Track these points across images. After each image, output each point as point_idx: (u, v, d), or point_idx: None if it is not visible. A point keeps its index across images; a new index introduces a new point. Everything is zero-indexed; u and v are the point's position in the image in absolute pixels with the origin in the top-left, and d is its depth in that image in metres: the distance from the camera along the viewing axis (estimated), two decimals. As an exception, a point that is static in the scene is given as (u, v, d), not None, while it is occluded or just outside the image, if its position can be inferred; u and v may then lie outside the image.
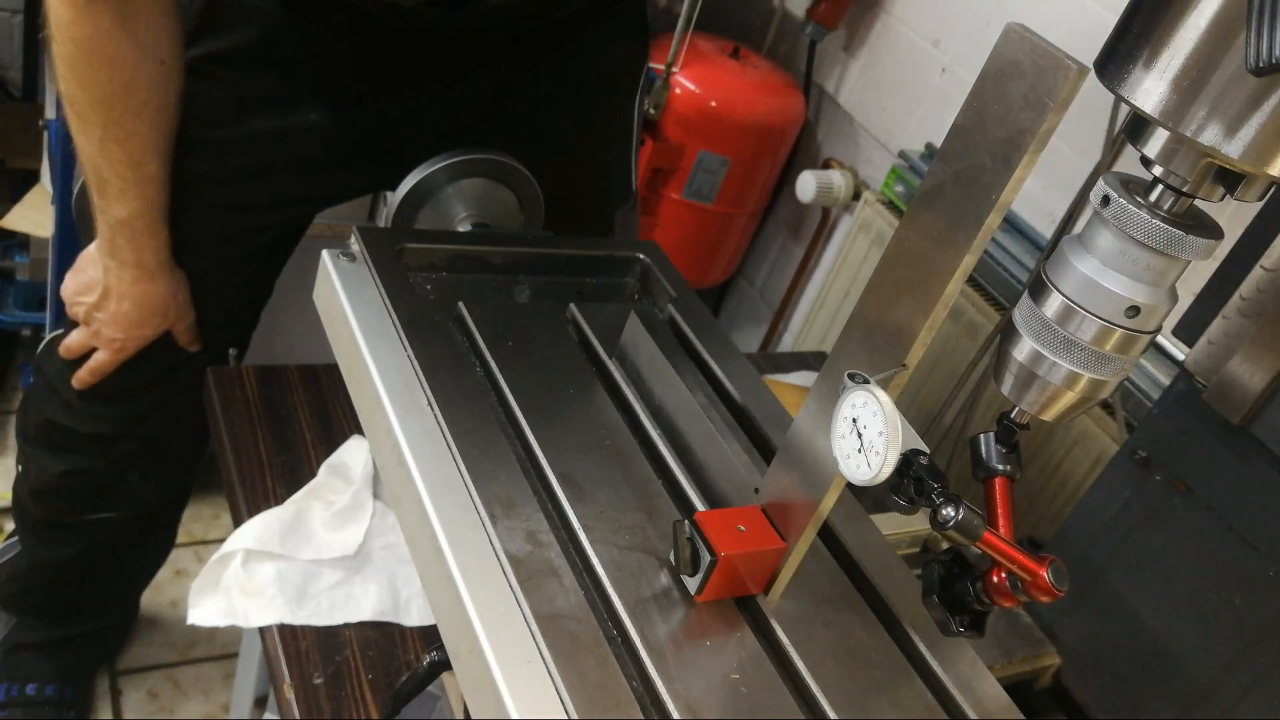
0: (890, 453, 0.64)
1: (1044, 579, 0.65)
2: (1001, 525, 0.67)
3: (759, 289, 2.51)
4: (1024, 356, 0.64)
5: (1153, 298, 0.60)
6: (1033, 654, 1.07)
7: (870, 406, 0.65)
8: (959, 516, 0.64)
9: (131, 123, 1.06)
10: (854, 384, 0.67)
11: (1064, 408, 0.64)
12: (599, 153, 1.38)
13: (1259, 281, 0.89)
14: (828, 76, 2.23)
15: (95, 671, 1.71)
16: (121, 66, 1.02)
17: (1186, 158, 0.57)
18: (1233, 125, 0.53)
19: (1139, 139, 0.59)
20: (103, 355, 1.21)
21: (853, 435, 0.66)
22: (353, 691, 0.94)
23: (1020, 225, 1.79)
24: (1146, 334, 0.62)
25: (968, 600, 0.69)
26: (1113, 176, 0.61)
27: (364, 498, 1.07)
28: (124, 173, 1.08)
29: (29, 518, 1.41)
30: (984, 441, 0.69)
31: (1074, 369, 0.62)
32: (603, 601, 0.74)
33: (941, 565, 0.71)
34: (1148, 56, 0.55)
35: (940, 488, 0.65)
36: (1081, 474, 1.57)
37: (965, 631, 0.70)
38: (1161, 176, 0.59)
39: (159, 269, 1.17)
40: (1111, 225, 0.60)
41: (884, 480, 0.65)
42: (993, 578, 0.68)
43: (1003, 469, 0.69)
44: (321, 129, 1.18)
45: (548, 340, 0.99)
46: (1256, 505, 0.93)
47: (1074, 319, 0.62)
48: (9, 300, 2.03)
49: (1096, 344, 0.62)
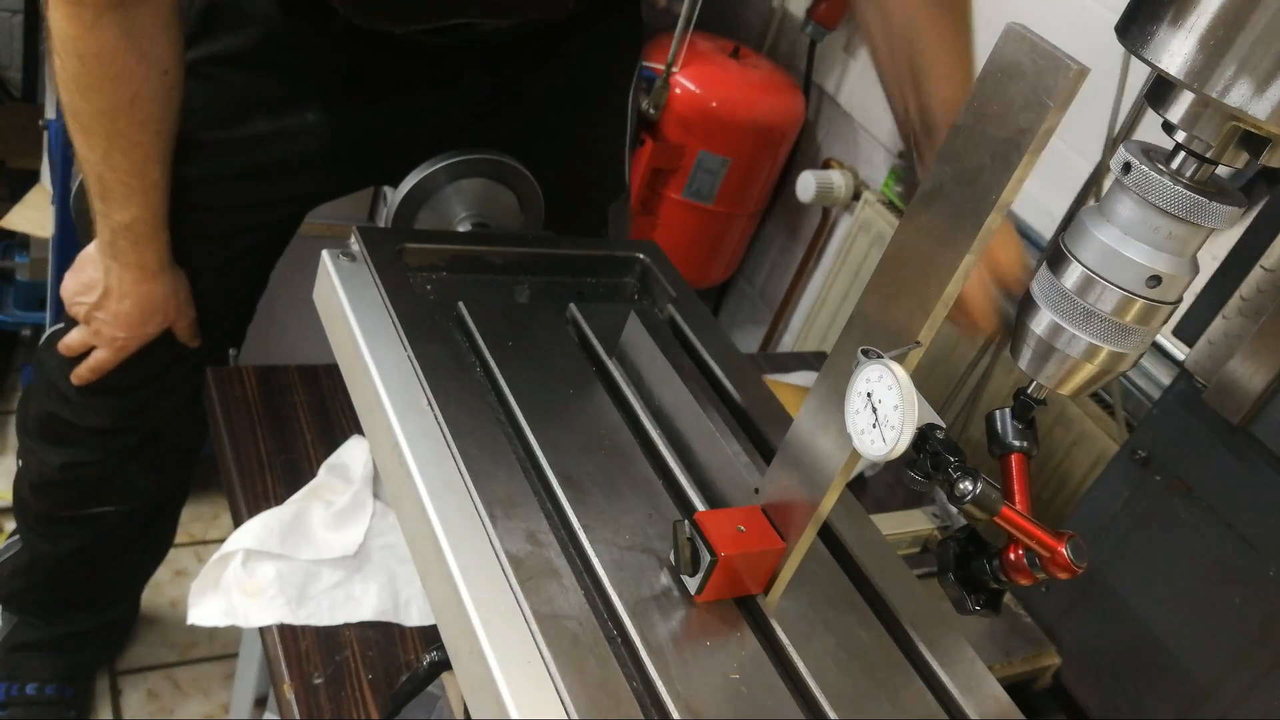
0: (906, 427, 0.62)
1: (1063, 555, 0.64)
2: (1019, 502, 0.66)
3: (759, 289, 2.51)
4: (1042, 329, 0.63)
5: (1174, 267, 0.59)
6: (1033, 654, 1.07)
7: (886, 380, 0.63)
8: (977, 490, 0.63)
9: (137, 134, 1.06)
10: (868, 359, 0.65)
11: (1082, 381, 0.63)
12: (593, 147, 1.38)
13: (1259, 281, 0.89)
14: (828, 76, 2.23)
15: (95, 671, 1.71)
16: (128, 81, 1.02)
17: (1211, 121, 0.56)
18: (1261, 85, 0.51)
19: (1162, 103, 0.57)
20: (103, 353, 1.22)
21: (867, 410, 0.64)
22: (353, 691, 0.94)
23: (1020, 225, 1.79)
24: (1168, 305, 0.61)
25: (984, 578, 0.68)
26: (1134, 144, 0.60)
27: (364, 498, 1.07)
28: (128, 180, 1.08)
29: (29, 512, 1.42)
30: (1000, 417, 0.68)
31: (1094, 341, 0.61)
32: (603, 601, 0.74)
33: (957, 543, 0.69)
34: (1174, 15, 0.53)
35: (957, 462, 0.64)
36: (1081, 474, 1.57)
37: (981, 610, 0.69)
38: (1184, 142, 0.57)
39: (160, 269, 1.17)
40: (1132, 193, 0.59)
41: (899, 455, 0.63)
42: (1010, 555, 0.67)
43: (1019, 445, 0.67)
44: (319, 130, 1.18)
45: (548, 340, 0.99)
46: (1256, 505, 0.93)
47: (1094, 290, 0.60)
48: (9, 300, 2.03)
49: (1117, 315, 0.60)
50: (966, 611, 0.69)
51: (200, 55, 1.13)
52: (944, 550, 0.70)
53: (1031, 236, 1.77)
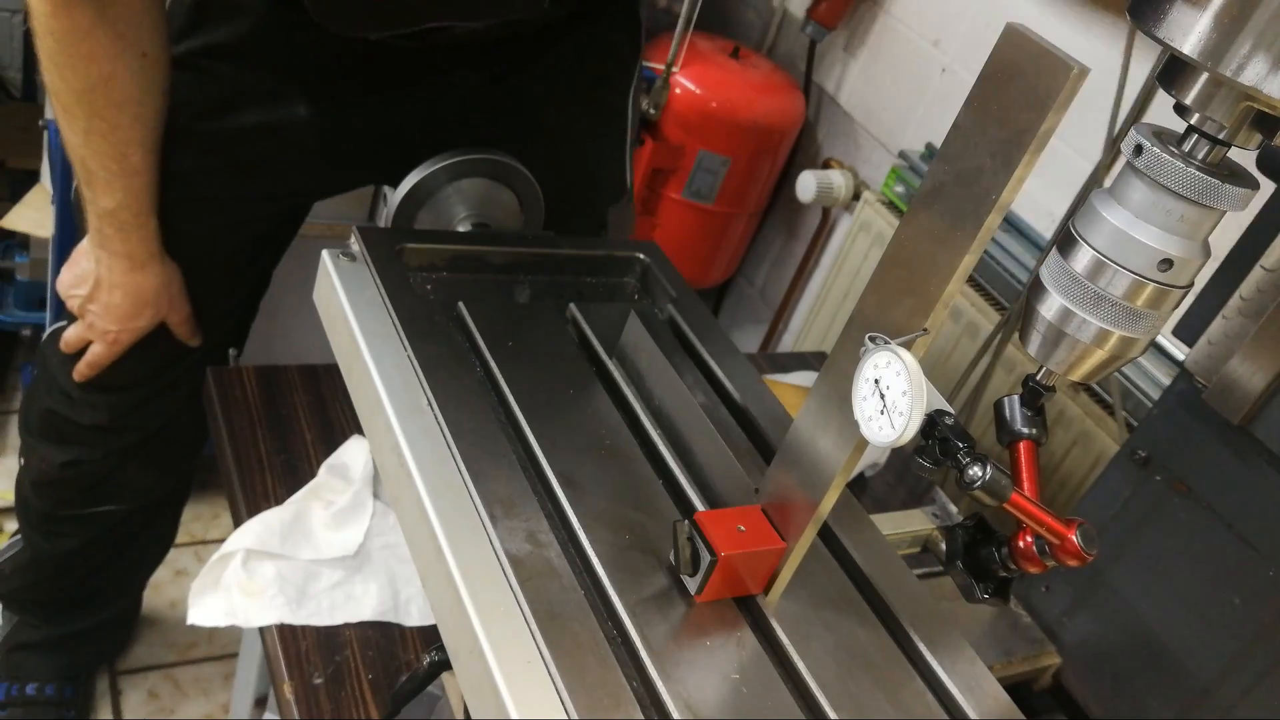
0: (915, 413, 0.61)
1: (1073, 542, 0.63)
2: (1028, 489, 0.65)
3: (759, 289, 2.51)
4: (1052, 314, 0.62)
5: (1186, 250, 0.59)
6: (1033, 654, 1.07)
7: (894, 366, 0.62)
8: (986, 476, 0.62)
9: (114, 115, 1.06)
10: (876, 345, 0.64)
11: (1092, 367, 0.63)
12: (591, 148, 1.38)
13: (1259, 281, 0.89)
14: (828, 76, 2.23)
15: (95, 671, 1.71)
16: (101, 60, 1.02)
17: (1224, 101, 0.55)
18: (1276, 63, 0.51)
19: (1174, 84, 0.57)
20: (99, 348, 1.22)
21: (875, 397, 0.63)
22: (353, 691, 0.94)
23: (1020, 225, 1.79)
24: (1179, 289, 0.60)
25: (992, 566, 0.68)
26: (1145, 126, 0.59)
27: (364, 498, 1.07)
28: (109, 164, 1.09)
29: (31, 510, 1.42)
30: (1008, 404, 0.68)
31: (1104, 326, 0.60)
32: (603, 601, 0.74)
33: (965, 531, 0.69)
34: None
35: (967, 447, 0.63)
36: (1081, 474, 1.57)
37: (990, 598, 0.68)
38: (1197, 124, 0.57)
39: (148, 259, 1.17)
40: (1144, 176, 0.58)
41: (908, 442, 0.62)
42: (1019, 542, 0.66)
43: (1028, 432, 0.67)
44: (311, 124, 1.18)
45: (548, 340, 0.99)
46: (1256, 505, 0.93)
47: (1105, 273, 0.60)
48: (9, 300, 2.03)
49: (1128, 299, 0.60)
50: (975, 599, 0.68)
51: (192, 47, 1.13)
52: (952, 538, 0.69)
53: (1031, 236, 1.77)
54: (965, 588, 0.68)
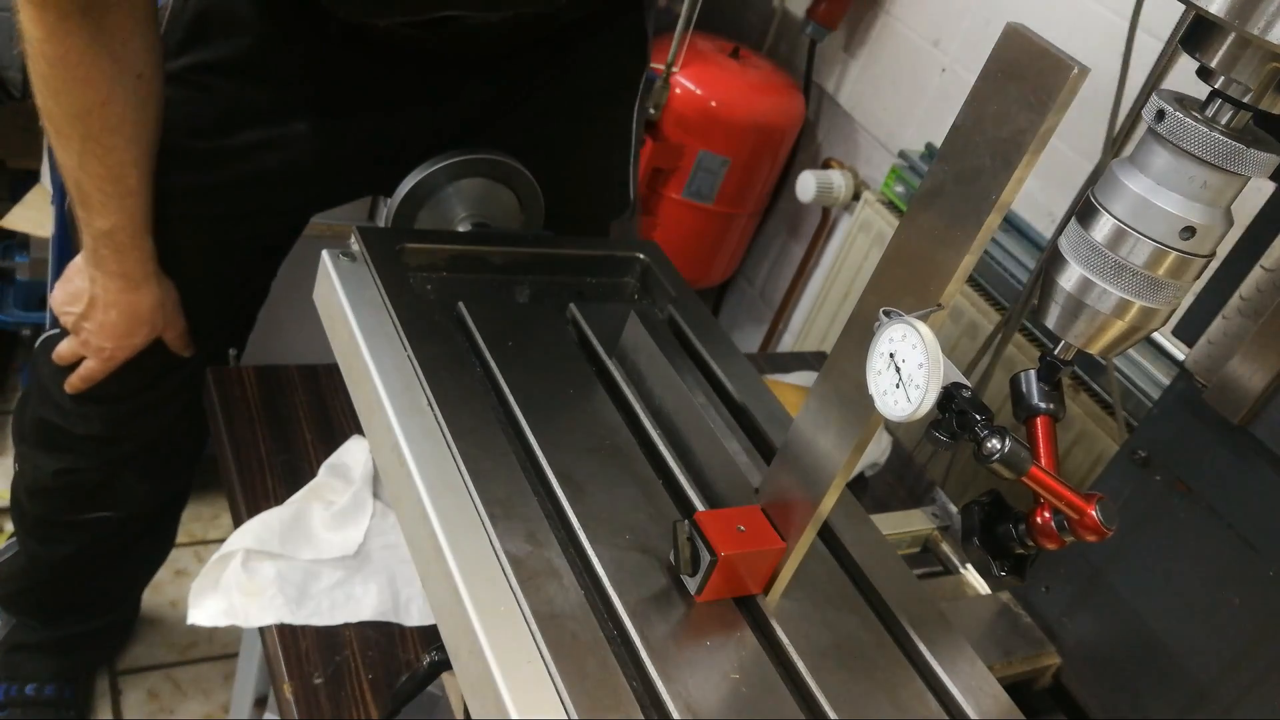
0: (931, 385, 0.59)
1: (1092, 517, 0.62)
2: (1046, 463, 0.64)
3: (759, 289, 2.51)
4: (1071, 285, 0.61)
5: (1209, 217, 0.58)
6: (1033, 654, 1.07)
7: (910, 339, 0.61)
8: (1005, 448, 0.61)
9: (110, 138, 1.04)
10: (891, 319, 0.62)
11: (1112, 339, 0.62)
12: (595, 163, 1.37)
13: (1259, 281, 0.89)
14: (828, 76, 2.23)
15: (95, 671, 1.71)
16: (97, 84, 1.00)
17: (1250, 62, 0.54)
18: None
19: (1199, 47, 0.56)
20: (92, 364, 1.21)
21: (890, 370, 0.62)
22: (353, 691, 0.94)
23: (1020, 225, 1.79)
24: (1201, 257, 0.59)
25: (1010, 543, 0.66)
26: (1166, 92, 0.58)
27: (364, 498, 1.07)
28: (104, 186, 1.07)
29: (26, 517, 1.41)
30: (1025, 379, 0.66)
31: (1125, 296, 0.59)
32: (603, 601, 0.74)
33: (982, 508, 0.68)
34: None
35: (984, 420, 0.62)
36: (1081, 474, 1.57)
37: (1006, 575, 0.68)
38: (1222, 87, 0.56)
39: (144, 279, 1.16)
40: (1166, 142, 0.57)
41: (924, 415, 0.61)
42: (1037, 518, 0.65)
43: (1046, 407, 0.66)
44: (312, 140, 1.17)
45: (548, 340, 0.99)
46: (1256, 505, 0.93)
47: (1126, 242, 0.59)
48: (9, 300, 2.03)
49: (1149, 268, 0.59)
50: (991, 576, 0.67)
51: (190, 63, 1.11)
52: (969, 514, 0.68)
53: (1031, 236, 1.77)
54: (981, 565, 0.67)
